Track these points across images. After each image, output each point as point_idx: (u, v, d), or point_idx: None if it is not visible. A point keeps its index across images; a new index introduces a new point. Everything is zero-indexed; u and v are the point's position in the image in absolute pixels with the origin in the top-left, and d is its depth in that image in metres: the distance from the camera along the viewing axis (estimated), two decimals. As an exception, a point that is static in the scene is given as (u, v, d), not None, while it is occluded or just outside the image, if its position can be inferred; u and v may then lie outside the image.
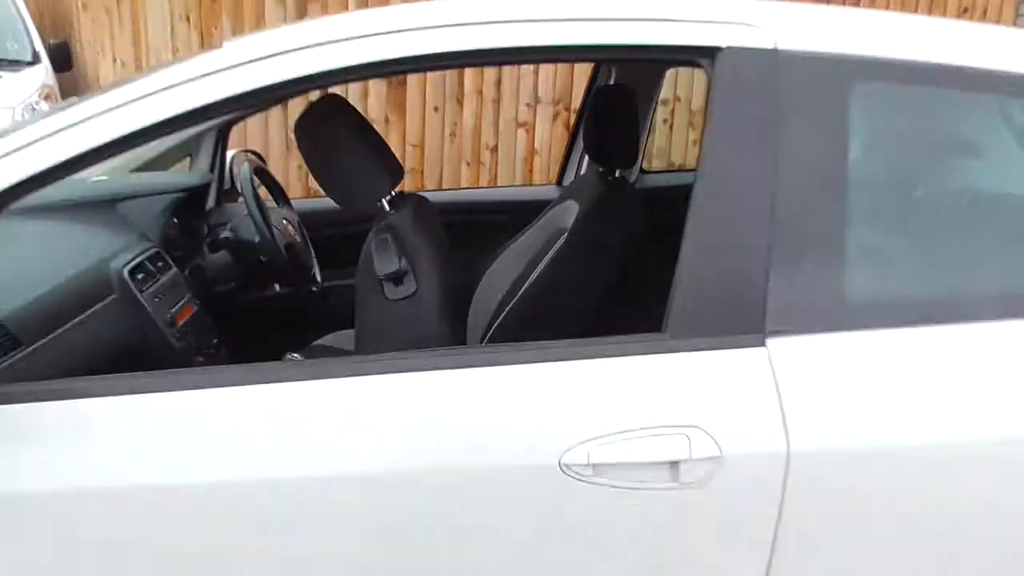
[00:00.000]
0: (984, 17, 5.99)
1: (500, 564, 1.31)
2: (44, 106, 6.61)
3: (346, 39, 1.34)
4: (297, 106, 2.94)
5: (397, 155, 1.83)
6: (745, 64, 1.37)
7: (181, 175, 2.56)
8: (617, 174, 2.31)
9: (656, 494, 1.28)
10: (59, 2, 8.02)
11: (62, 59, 7.15)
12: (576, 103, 5.23)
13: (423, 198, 1.95)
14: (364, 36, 1.34)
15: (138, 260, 1.94)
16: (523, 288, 1.84)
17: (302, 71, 1.32)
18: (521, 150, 5.28)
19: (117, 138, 1.30)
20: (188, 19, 4.96)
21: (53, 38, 7.42)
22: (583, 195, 2.18)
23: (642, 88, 2.57)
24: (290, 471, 1.25)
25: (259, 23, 4.83)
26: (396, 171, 1.78)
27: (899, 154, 1.47)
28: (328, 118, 1.75)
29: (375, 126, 1.91)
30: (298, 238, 2.44)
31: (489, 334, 1.80)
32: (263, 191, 2.49)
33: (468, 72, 5.01)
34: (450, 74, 5.04)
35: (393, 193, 1.77)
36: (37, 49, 7.04)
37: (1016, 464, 1.33)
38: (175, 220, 2.28)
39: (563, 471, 1.27)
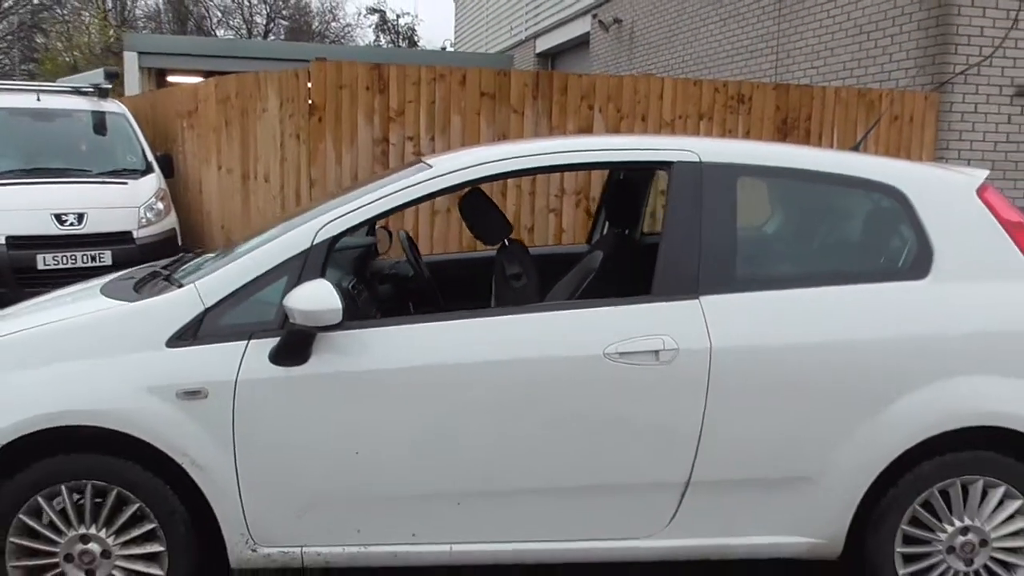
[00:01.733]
0: (910, 122, 7.64)
1: (570, 404, 2.79)
2: (160, 206, 8.24)
3: (506, 158, 2.92)
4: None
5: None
6: (685, 169, 2.93)
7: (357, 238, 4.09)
8: (627, 232, 3.87)
9: (648, 367, 2.78)
10: (167, 122, 9.75)
11: (166, 167, 8.84)
12: (592, 194, 6.86)
13: (521, 242, 3.52)
14: (511, 158, 2.92)
15: (352, 282, 3.47)
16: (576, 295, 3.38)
17: (484, 173, 2.89)
18: (552, 229, 6.85)
19: (390, 208, 2.86)
20: (298, 137, 6.59)
21: (159, 151, 9.11)
22: (606, 245, 3.73)
23: (641, 182, 4.15)
24: (477, 358, 2.75)
25: (352, 140, 6.45)
26: (509, 225, 3.36)
27: (757, 211, 3.02)
28: (478, 198, 3.33)
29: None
30: (427, 274, 3.97)
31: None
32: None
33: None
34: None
35: (508, 237, 3.35)
36: (149, 160, 8.73)
37: (830, 352, 2.81)
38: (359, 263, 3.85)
39: (605, 357, 2.76)
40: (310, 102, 6.37)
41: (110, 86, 9.56)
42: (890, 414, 2.84)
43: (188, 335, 2.75)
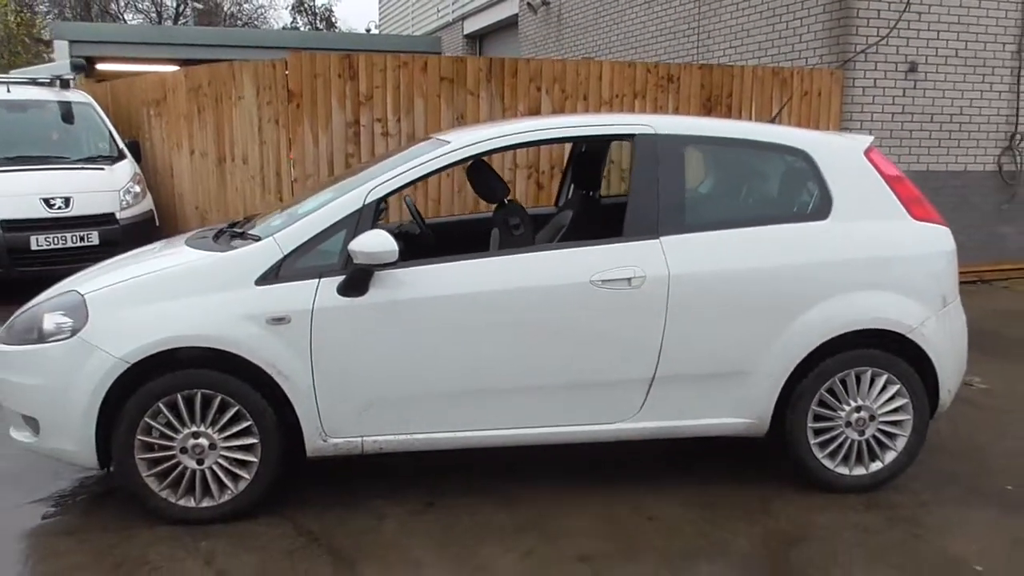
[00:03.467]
0: (819, 96, 8.81)
1: (566, 320, 3.75)
2: (137, 189, 8.91)
3: (508, 134, 3.86)
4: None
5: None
6: (644, 140, 3.91)
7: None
8: (590, 194, 4.85)
9: (623, 291, 3.76)
10: (130, 110, 10.35)
11: (134, 153, 9.49)
12: (542, 167, 7.83)
13: (517, 200, 4.47)
14: (513, 134, 3.86)
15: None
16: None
17: (491, 147, 3.83)
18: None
19: (421, 175, 3.77)
20: (276, 121, 7.38)
21: (125, 138, 9.73)
22: (574, 206, 4.70)
23: (601, 153, 5.12)
24: (491, 287, 3.69)
25: (327, 123, 7.28)
26: (507, 187, 4.31)
27: (699, 171, 4.03)
28: (482, 167, 4.26)
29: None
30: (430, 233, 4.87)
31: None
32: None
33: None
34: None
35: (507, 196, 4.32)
36: (120, 147, 9.38)
37: (756, 275, 3.83)
38: None
39: (591, 284, 3.74)
40: (288, 90, 7.17)
41: (71, 77, 10.13)
42: (803, 321, 3.89)
43: (271, 276, 3.63)
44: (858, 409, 4.01)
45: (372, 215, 3.73)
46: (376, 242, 3.54)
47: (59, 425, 3.64)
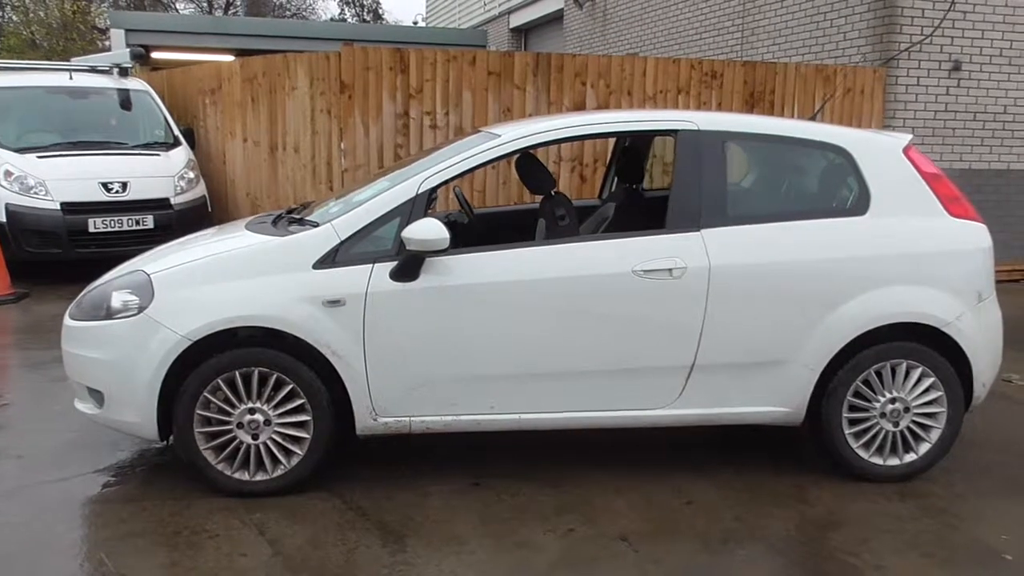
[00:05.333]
0: (861, 94, 8.76)
1: (609, 308, 3.83)
2: (191, 175, 9.12)
3: (556, 128, 3.95)
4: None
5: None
6: (687, 135, 3.98)
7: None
8: (634, 187, 4.92)
9: (665, 281, 3.83)
10: (186, 99, 10.57)
11: (188, 141, 9.71)
12: (586, 161, 7.89)
13: (563, 192, 4.56)
14: (561, 128, 3.95)
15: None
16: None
17: (540, 140, 3.92)
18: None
19: (472, 167, 3.87)
20: (329, 112, 7.53)
21: (180, 125, 9.96)
22: (617, 199, 4.77)
23: (644, 148, 5.18)
24: (538, 275, 3.78)
25: (378, 115, 7.41)
26: (554, 180, 4.39)
27: (740, 166, 4.08)
28: (531, 159, 4.34)
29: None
30: (478, 223, 4.96)
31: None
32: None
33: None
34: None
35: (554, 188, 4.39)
36: (176, 133, 9.60)
37: (795, 267, 3.88)
38: None
39: (633, 273, 3.81)
40: (340, 81, 7.30)
41: (130, 66, 10.37)
42: (840, 313, 3.93)
43: (328, 261, 3.75)
44: (893, 400, 4.04)
45: (425, 204, 3.84)
46: (429, 229, 3.65)
47: (123, 398, 3.79)
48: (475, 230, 4.68)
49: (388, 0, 52.61)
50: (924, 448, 4.10)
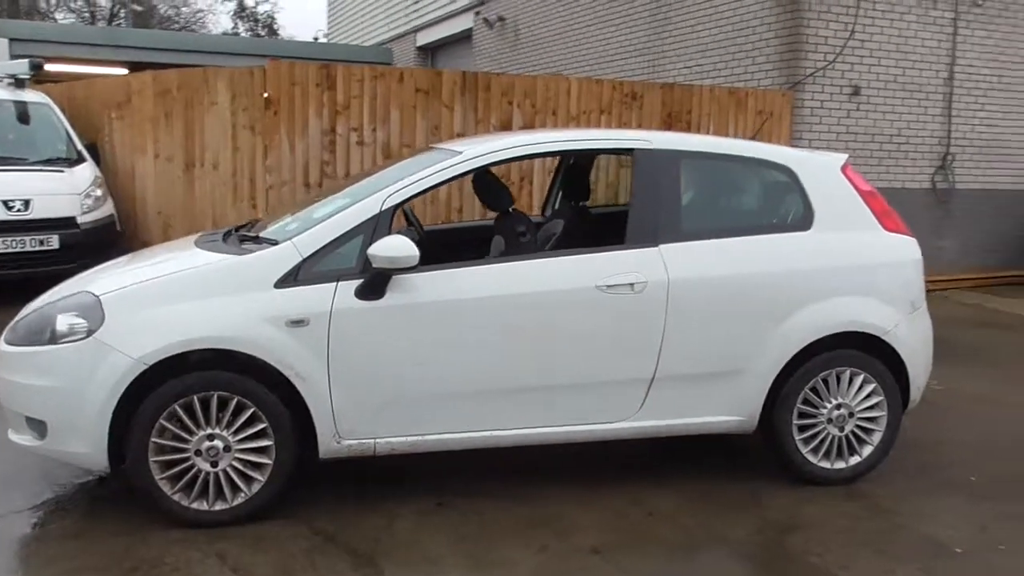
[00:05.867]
0: (771, 116, 9.12)
1: (573, 323, 3.87)
2: (98, 192, 8.75)
3: (518, 146, 3.98)
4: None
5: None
6: (644, 154, 4.07)
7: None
8: (579, 204, 4.99)
9: (627, 295, 3.90)
10: (89, 113, 10.14)
11: (93, 157, 9.31)
12: (513, 179, 7.96)
13: (521, 210, 4.60)
14: (523, 145, 3.98)
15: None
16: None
17: (502, 157, 3.94)
18: (480, 212, 7.89)
19: (434, 184, 3.86)
20: (252, 128, 7.38)
21: (84, 140, 9.55)
22: (563, 215, 4.83)
23: (587, 165, 5.27)
24: (503, 292, 3.79)
25: (304, 131, 7.30)
26: (511, 197, 4.41)
27: (694, 184, 4.20)
28: (488, 177, 4.35)
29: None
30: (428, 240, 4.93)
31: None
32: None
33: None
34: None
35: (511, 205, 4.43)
36: (79, 149, 9.19)
37: (747, 281, 4.01)
38: None
39: (597, 288, 3.87)
40: (266, 96, 7.18)
41: (28, 76, 9.87)
42: (790, 324, 4.08)
43: (290, 279, 3.67)
44: (838, 407, 4.21)
45: (389, 221, 3.81)
46: (397, 246, 3.62)
47: (70, 427, 3.61)
48: (426, 248, 4.65)
49: (284, 15, 51.78)
50: (867, 451, 4.29)
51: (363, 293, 3.69)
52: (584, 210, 5.09)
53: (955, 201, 10.57)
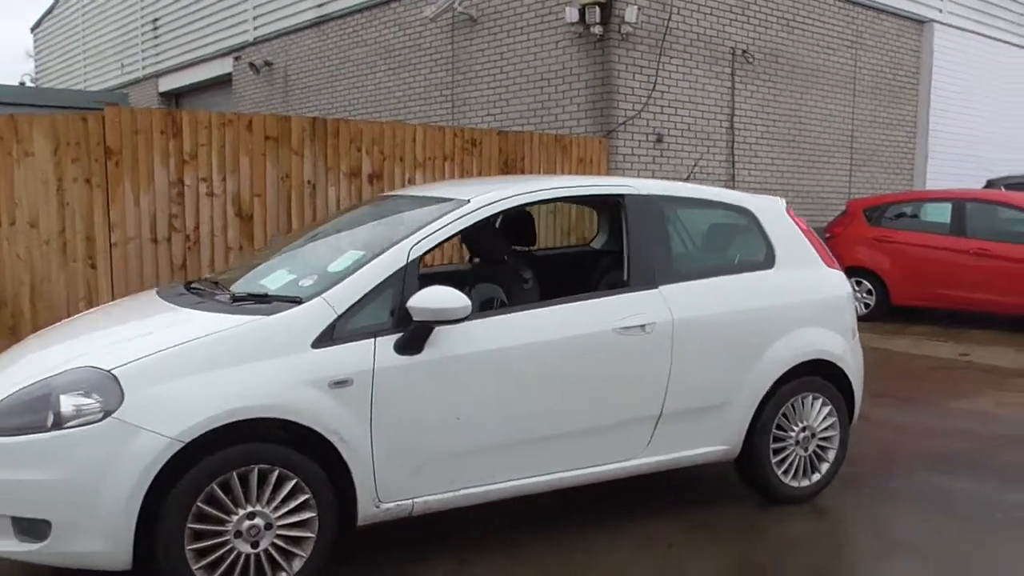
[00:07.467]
0: (591, 162, 9.83)
1: (597, 366, 4.07)
2: None
3: (524, 192, 4.13)
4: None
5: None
6: (633, 200, 4.39)
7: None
8: (527, 250, 5.20)
9: (638, 337, 4.17)
10: None
11: None
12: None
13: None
14: (529, 192, 4.14)
15: None
16: None
17: (511, 204, 4.08)
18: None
19: (453, 233, 3.92)
20: (88, 181, 6.79)
21: None
22: (518, 262, 5.02)
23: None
24: (534, 339, 3.92)
25: (149, 183, 6.85)
26: (506, 244, 4.53)
27: (676, 227, 4.58)
28: (490, 226, 4.45)
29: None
30: None
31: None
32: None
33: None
34: (283, 209, 7.48)
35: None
36: None
37: (731, 317, 4.42)
38: None
39: (614, 331, 4.10)
40: (106, 146, 6.68)
41: None
42: (768, 356, 4.54)
43: (327, 338, 3.55)
44: (804, 429, 4.73)
45: (416, 271, 3.80)
46: (445, 297, 3.62)
47: (83, 523, 3.23)
48: None
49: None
50: (825, 467, 4.84)
51: (403, 348, 3.65)
52: (531, 255, 5.30)
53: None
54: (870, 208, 11.69)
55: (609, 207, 5.32)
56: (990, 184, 13.94)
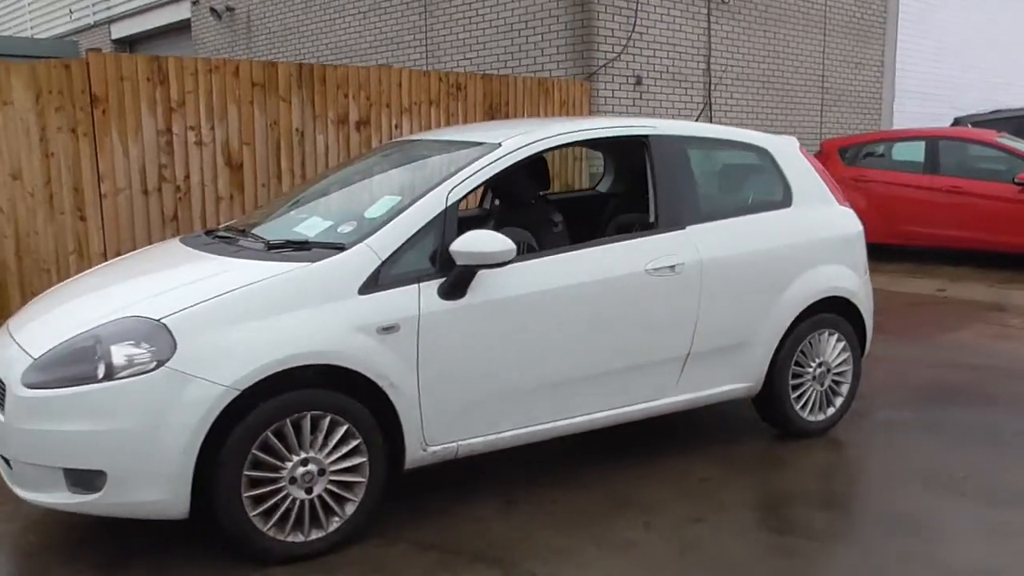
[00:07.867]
0: (572, 105, 9.83)
1: (632, 307, 4.14)
2: None
3: (557, 134, 4.16)
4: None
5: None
6: (657, 140, 4.44)
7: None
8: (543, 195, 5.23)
9: (668, 277, 4.24)
10: None
11: None
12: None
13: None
14: (562, 133, 4.17)
15: None
16: None
17: (543, 147, 4.10)
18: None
19: (490, 176, 3.93)
20: (73, 130, 6.63)
21: None
22: (537, 208, 5.05)
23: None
24: (572, 282, 3.97)
25: (138, 132, 6.72)
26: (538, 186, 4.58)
27: (699, 167, 4.64)
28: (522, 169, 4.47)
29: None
30: None
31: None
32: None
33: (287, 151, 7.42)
34: (272, 157, 7.40)
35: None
36: None
37: (754, 257, 4.51)
38: None
39: (646, 272, 4.17)
40: (92, 94, 6.53)
41: None
42: (788, 293, 4.66)
43: (372, 284, 3.57)
44: (820, 364, 4.87)
45: (455, 216, 3.81)
46: (490, 241, 3.65)
47: (140, 473, 3.25)
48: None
49: None
50: (839, 401, 5.00)
51: (447, 293, 3.68)
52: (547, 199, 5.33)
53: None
54: (844, 148, 11.86)
55: (625, 149, 5.34)
56: (957, 122, 14.20)
